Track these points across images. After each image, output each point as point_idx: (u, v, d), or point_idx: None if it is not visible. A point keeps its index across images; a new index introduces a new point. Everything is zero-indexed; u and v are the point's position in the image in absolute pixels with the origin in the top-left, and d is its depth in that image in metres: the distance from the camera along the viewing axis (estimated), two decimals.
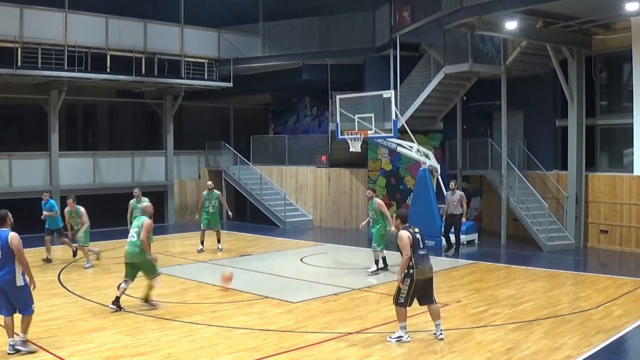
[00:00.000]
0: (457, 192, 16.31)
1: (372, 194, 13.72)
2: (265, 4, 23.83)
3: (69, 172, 20.93)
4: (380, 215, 13.28)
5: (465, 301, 10.92)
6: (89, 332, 8.92)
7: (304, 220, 22.66)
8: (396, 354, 8.06)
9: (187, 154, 24.78)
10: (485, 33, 16.25)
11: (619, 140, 17.31)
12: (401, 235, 8.61)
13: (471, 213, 21.15)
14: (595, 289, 11.85)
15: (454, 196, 16.17)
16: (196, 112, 27.35)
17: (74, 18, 19.72)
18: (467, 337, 8.78)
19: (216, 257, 16.09)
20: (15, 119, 24.82)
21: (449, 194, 16.30)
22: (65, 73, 19.34)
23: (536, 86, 19.03)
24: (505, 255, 16.64)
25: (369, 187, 19.01)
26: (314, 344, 8.46)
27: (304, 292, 11.82)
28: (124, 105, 26.51)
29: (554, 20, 15.72)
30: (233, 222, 23.54)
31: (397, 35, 19.67)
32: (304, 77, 22.96)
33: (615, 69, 17.81)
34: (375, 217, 13.37)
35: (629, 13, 14.43)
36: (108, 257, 15.43)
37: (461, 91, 20.17)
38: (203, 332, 9.05)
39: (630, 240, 16.28)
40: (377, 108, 17.76)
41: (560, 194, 17.75)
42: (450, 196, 16.21)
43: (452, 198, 16.15)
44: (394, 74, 19.96)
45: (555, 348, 8.20)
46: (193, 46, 22.50)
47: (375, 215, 13.36)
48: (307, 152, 23.44)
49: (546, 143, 18.86)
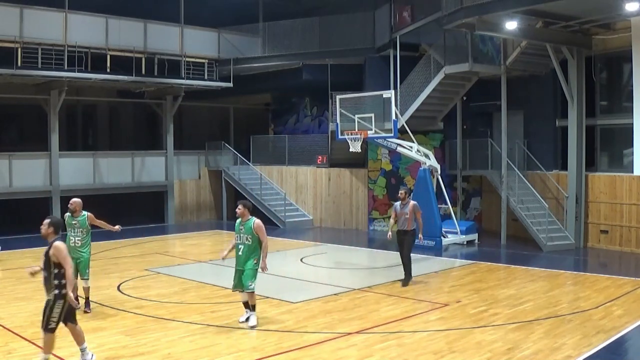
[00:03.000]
0: (410, 202, 12.59)
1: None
2: (265, 4, 23.83)
3: (69, 172, 20.92)
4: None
5: (465, 301, 10.91)
6: (89, 332, 8.89)
7: (304, 221, 22.66)
8: (396, 354, 8.06)
9: (187, 154, 24.78)
10: (485, 33, 16.24)
11: (619, 140, 17.30)
12: None
13: (471, 213, 21.19)
14: (595, 289, 11.84)
15: (405, 208, 12.44)
16: (196, 112, 27.36)
17: (74, 18, 19.72)
18: (467, 337, 8.78)
19: (216, 257, 16.08)
20: (15, 119, 24.82)
21: (397, 205, 12.63)
22: (65, 73, 19.34)
23: (536, 86, 19.03)
24: (505, 255, 16.64)
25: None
26: (314, 344, 8.45)
27: (304, 292, 11.82)
28: (124, 105, 26.52)
29: (554, 20, 15.72)
30: (233, 223, 23.55)
31: (397, 35, 19.66)
32: (304, 77, 22.96)
33: (615, 69, 17.80)
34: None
35: (629, 13, 14.43)
36: (108, 257, 15.44)
37: (461, 91, 20.17)
38: (203, 332, 9.05)
39: (630, 240, 16.28)
40: (377, 108, 17.76)
41: (560, 194, 17.75)
42: (400, 208, 12.53)
43: (403, 210, 12.44)
44: (394, 74, 19.95)
45: (555, 348, 8.20)
46: (193, 46, 22.50)
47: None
48: (307, 152, 23.43)
49: (546, 143, 18.87)
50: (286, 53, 22.82)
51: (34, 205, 20.80)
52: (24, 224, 20.67)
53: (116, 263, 14.79)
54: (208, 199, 24.99)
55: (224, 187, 24.47)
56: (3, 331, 8.90)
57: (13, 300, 10.90)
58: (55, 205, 20.26)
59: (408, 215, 12.33)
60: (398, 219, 12.51)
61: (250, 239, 9.40)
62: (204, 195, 24.98)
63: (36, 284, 12.24)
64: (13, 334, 8.75)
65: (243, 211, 9.57)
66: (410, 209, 12.35)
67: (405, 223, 12.39)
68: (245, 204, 9.72)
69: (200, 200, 24.85)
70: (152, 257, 15.91)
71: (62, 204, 20.54)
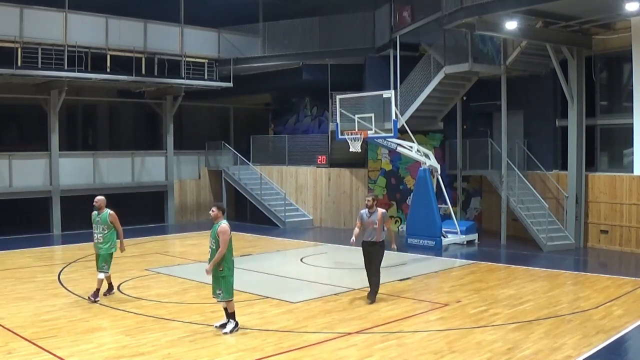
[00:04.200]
0: (378, 210, 10.88)
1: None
2: (265, 4, 23.83)
3: (69, 172, 20.92)
4: None
5: (465, 301, 10.91)
6: (89, 332, 8.91)
7: (304, 220, 22.65)
8: (396, 354, 8.06)
9: (187, 154, 24.78)
10: (485, 33, 16.24)
11: (619, 140, 17.30)
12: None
13: (471, 213, 21.19)
14: (595, 289, 11.85)
15: (373, 216, 10.81)
16: (196, 112, 27.36)
17: (74, 18, 19.71)
18: (467, 337, 8.78)
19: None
20: (15, 119, 24.83)
21: (364, 214, 10.98)
22: (65, 73, 19.33)
23: (536, 86, 19.03)
24: (505, 255, 16.64)
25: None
26: (314, 344, 8.45)
27: (304, 292, 11.82)
28: (124, 105, 26.51)
29: (554, 20, 15.72)
30: (233, 222, 23.57)
31: (397, 35, 19.67)
32: (304, 77, 22.96)
33: (615, 69, 17.80)
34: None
35: (629, 13, 14.43)
36: None
37: (461, 91, 20.17)
38: (203, 332, 9.05)
39: (630, 240, 16.28)
40: (377, 108, 17.75)
41: (560, 194, 17.75)
42: (367, 216, 10.90)
43: (371, 219, 10.82)
44: (394, 74, 19.96)
45: (555, 348, 8.20)
46: (193, 46, 22.49)
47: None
48: (307, 152, 23.42)
49: (546, 143, 18.87)
50: (286, 53, 22.82)
51: (34, 205, 20.81)
52: (24, 224, 20.74)
53: (116, 263, 14.70)
54: (208, 199, 24.97)
55: (224, 187, 24.46)
56: (3, 331, 8.90)
57: (13, 300, 10.90)
58: (55, 205, 20.27)
59: (377, 224, 10.73)
60: (365, 229, 10.88)
61: (214, 244, 8.97)
62: (204, 195, 24.97)
63: (36, 283, 12.30)
64: (13, 334, 8.75)
65: (217, 213, 9.06)
66: (379, 218, 10.76)
67: (374, 234, 10.78)
68: (220, 207, 9.19)
69: (200, 200, 24.84)
70: (152, 257, 15.91)
71: (62, 204, 20.58)
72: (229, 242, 8.91)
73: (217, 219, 9.05)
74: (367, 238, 10.88)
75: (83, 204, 15.11)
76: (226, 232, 8.85)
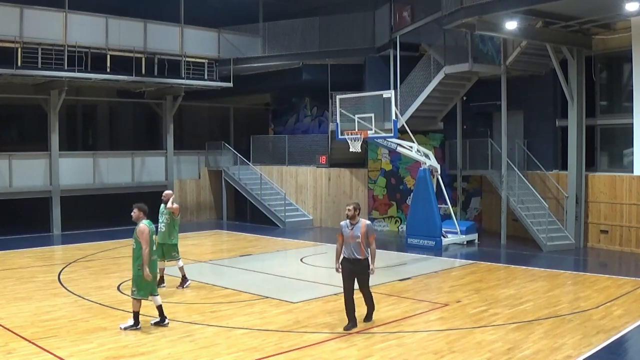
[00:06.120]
0: (361, 221, 9.20)
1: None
2: (265, 4, 23.83)
3: (69, 172, 20.91)
4: None
5: (465, 301, 10.91)
6: (89, 332, 8.91)
7: (304, 220, 22.65)
8: (396, 354, 8.06)
9: (187, 154, 24.78)
10: (485, 33, 16.24)
11: (619, 140, 17.31)
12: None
13: (471, 213, 21.18)
14: (595, 289, 11.85)
15: (355, 229, 9.09)
16: (196, 112, 27.36)
17: (74, 18, 19.71)
18: (467, 337, 8.78)
19: (216, 257, 16.09)
20: (15, 119, 24.84)
21: (345, 226, 9.21)
22: (65, 73, 19.33)
23: (536, 86, 19.02)
24: (505, 255, 16.64)
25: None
26: (314, 344, 8.45)
27: (304, 292, 11.81)
28: (124, 105, 26.51)
29: (554, 20, 15.71)
30: (233, 222, 23.58)
31: (397, 35, 19.67)
32: (304, 77, 22.95)
33: (615, 69, 17.80)
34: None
35: (629, 13, 14.42)
36: (108, 257, 15.44)
37: (461, 91, 20.17)
38: (203, 332, 9.05)
39: (630, 240, 16.28)
40: (377, 108, 17.73)
41: (560, 194, 17.75)
42: (349, 229, 9.15)
43: (354, 232, 9.09)
44: (394, 74, 19.95)
45: (555, 348, 8.20)
46: (193, 46, 22.49)
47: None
48: (307, 152, 23.43)
49: (546, 143, 18.86)
50: (286, 53, 22.83)
51: (34, 205, 20.81)
52: (24, 223, 20.75)
53: (116, 263, 14.78)
54: (208, 199, 24.99)
55: (224, 187, 24.47)
56: (3, 331, 8.90)
57: (13, 300, 10.90)
58: (55, 205, 20.26)
59: (360, 239, 9.03)
60: (345, 245, 9.15)
61: (134, 244, 9.09)
62: (204, 195, 24.98)
63: (36, 284, 12.30)
64: (13, 334, 8.75)
65: (138, 214, 9.15)
66: (362, 231, 9.04)
67: (357, 249, 9.05)
68: (140, 207, 9.21)
69: (200, 200, 24.85)
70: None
71: (62, 204, 20.58)
72: (150, 241, 9.10)
73: (138, 219, 9.17)
74: (349, 255, 9.11)
75: (83, 204, 15.10)
76: (144, 231, 9.00)
